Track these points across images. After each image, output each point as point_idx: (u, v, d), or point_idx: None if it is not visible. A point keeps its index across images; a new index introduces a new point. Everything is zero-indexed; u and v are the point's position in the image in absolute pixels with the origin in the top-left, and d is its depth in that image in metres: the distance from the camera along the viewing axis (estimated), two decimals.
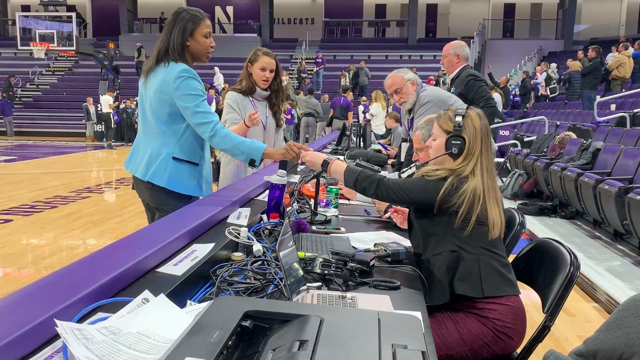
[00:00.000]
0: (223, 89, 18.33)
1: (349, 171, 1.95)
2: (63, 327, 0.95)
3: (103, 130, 16.98)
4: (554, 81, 14.46)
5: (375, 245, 1.91)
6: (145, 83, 2.40)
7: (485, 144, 1.84)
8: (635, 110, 8.88)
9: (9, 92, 19.95)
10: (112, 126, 16.83)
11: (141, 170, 2.40)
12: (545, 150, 7.70)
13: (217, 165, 3.18)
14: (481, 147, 1.83)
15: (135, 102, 17.17)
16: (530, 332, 1.77)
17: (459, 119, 1.84)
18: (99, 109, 17.24)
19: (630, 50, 11.82)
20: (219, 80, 18.50)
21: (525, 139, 9.38)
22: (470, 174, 1.79)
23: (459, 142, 1.83)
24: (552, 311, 1.71)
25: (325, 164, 2.05)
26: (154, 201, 2.48)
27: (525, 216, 2.32)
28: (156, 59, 2.36)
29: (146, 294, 1.18)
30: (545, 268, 1.84)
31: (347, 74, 18.93)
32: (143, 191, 2.48)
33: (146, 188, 2.43)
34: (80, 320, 1.06)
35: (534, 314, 2.34)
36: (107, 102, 16.97)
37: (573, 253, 1.75)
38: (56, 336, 0.97)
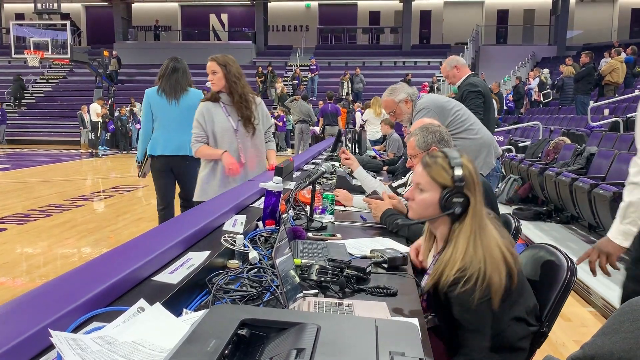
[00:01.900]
0: None
1: None
2: (58, 337, 0.95)
3: (94, 138, 17.00)
4: (548, 86, 14.55)
5: (371, 251, 1.90)
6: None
7: (480, 194, 1.60)
8: (628, 115, 8.94)
9: (17, 94, 20.03)
10: (98, 135, 16.83)
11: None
12: (539, 155, 7.73)
13: None
14: (478, 201, 1.58)
15: (129, 110, 17.18)
16: None
17: (459, 171, 1.56)
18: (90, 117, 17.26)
19: (623, 55, 11.92)
20: None
21: (520, 144, 9.42)
22: (472, 247, 1.53)
23: (462, 200, 1.56)
24: (549, 317, 1.70)
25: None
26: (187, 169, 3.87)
27: (521, 221, 2.32)
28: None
29: (142, 302, 1.17)
30: (541, 274, 1.84)
31: (348, 80, 19.01)
32: (179, 163, 3.90)
33: (183, 160, 3.86)
34: (75, 330, 1.05)
35: None
36: (95, 110, 16.95)
37: (569, 258, 1.75)
38: (51, 347, 0.96)
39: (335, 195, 2.76)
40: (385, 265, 1.81)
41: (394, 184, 3.12)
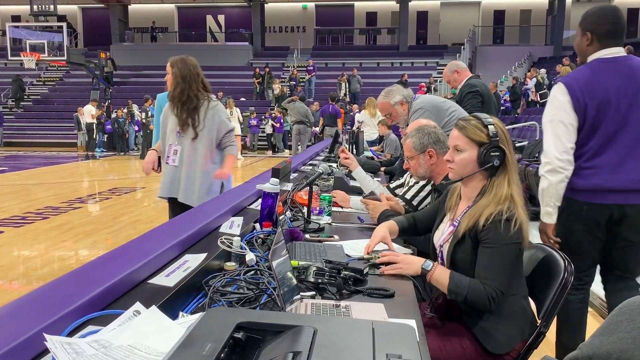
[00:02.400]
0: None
1: (457, 281, 1.67)
2: (52, 341, 0.94)
3: (88, 140, 16.99)
4: (545, 87, 14.57)
5: (369, 253, 1.90)
6: None
7: (512, 151, 1.73)
8: None
9: (16, 94, 20.03)
10: (94, 137, 16.80)
11: None
12: (536, 155, 7.73)
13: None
14: (512, 156, 1.71)
15: (126, 112, 17.15)
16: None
17: (492, 127, 1.69)
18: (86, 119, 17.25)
19: None
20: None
21: (517, 145, 9.42)
22: (512, 189, 1.68)
23: (499, 154, 1.67)
24: (547, 317, 1.71)
25: (425, 272, 1.73)
26: None
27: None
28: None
29: (137, 306, 1.16)
30: (539, 274, 1.84)
31: (345, 81, 19.02)
32: None
33: None
34: (71, 334, 1.04)
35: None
36: (89, 112, 16.91)
37: (567, 259, 1.75)
38: (45, 351, 0.95)
39: (333, 197, 2.75)
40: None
41: (392, 185, 3.12)
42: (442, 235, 1.85)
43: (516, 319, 1.69)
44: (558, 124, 2.25)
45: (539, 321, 1.75)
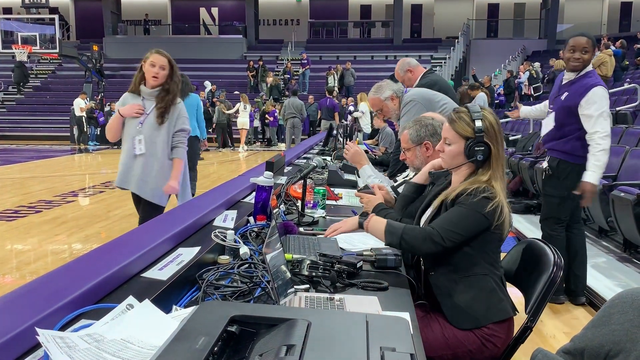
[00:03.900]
0: (210, 90, 18.28)
1: (391, 228, 1.74)
2: (44, 335, 0.93)
3: (78, 133, 16.88)
4: (538, 80, 14.60)
5: (371, 249, 1.86)
6: None
7: (502, 145, 1.79)
8: (617, 108, 8.99)
9: (20, 80, 19.95)
10: (85, 130, 16.68)
11: None
12: (530, 148, 7.76)
13: None
14: (500, 151, 1.77)
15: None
16: (515, 328, 1.77)
17: (479, 123, 1.74)
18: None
19: (612, 49, 11.98)
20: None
21: (511, 138, 9.44)
22: (493, 181, 1.73)
23: (483, 149, 1.74)
24: (534, 312, 1.71)
25: (362, 221, 1.84)
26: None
27: (512, 214, 2.32)
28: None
29: (130, 299, 1.16)
30: (530, 269, 1.85)
31: (334, 73, 18.94)
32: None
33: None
34: (63, 328, 1.03)
35: (522, 311, 2.34)
36: (79, 105, 16.79)
37: (557, 253, 1.75)
38: (37, 345, 0.94)
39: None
40: (375, 264, 1.79)
41: (395, 184, 3.04)
42: (425, 217, 1.90)
43: (483, 297, 1.70)
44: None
45: (520, 314, 1.76)
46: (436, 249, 1.68)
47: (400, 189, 2.90)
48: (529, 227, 5.69)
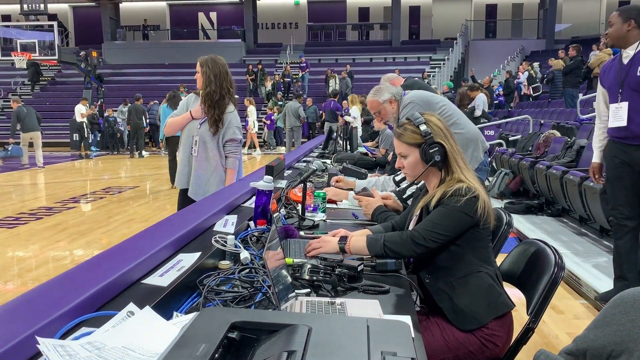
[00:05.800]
0: None
1: (372, 241, 1.76)
2: (45, 344, 0.93)
3: (79, 139, 16.85)
4: (537, 80, 14.59)
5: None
6: None
7: (453, 140, 1.82)
8: None
9: (34, 78, 20.70)
10: (86, 135, 16.67)
11: None
12: (530, 148, 7.76)
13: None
14: (454, 145, 1.80)
15: (117, 111, 17.08)
16: (516, 330, 1.77)
17: (424, 127, 1.78)
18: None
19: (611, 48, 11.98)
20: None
21: (511, 138, 9.44)
22: (465, 174, 1.76)
23: (437, 148, 1.77)
24: (535, 313, 1.70)
25: (342, 246, 1.81)
26: None
27: (512, 215, 2.33)
28: None
29: (131, 306, 1.16)
30: (530, 270, 1.85)
31: (335, 75, 18.88)
32: None
33: None
34: (64, 336, 1.03)
35: (523, 313, 2.34)
36: (79, 111, 16.79)
37: (558, 254, 1.75)
38: (38, 354, 0.94)
39: (327, 193, 2.74)
40: (376, 268, 1.78)
41: (398, 189, 3.00)
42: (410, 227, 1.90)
43: (482, 295, 1.70)
44: None
45: (522, 315, 1.75)
46: (420, 250, 1.70)
47: (405, 189, 2.89)
48: (529, 227, 5.69)
